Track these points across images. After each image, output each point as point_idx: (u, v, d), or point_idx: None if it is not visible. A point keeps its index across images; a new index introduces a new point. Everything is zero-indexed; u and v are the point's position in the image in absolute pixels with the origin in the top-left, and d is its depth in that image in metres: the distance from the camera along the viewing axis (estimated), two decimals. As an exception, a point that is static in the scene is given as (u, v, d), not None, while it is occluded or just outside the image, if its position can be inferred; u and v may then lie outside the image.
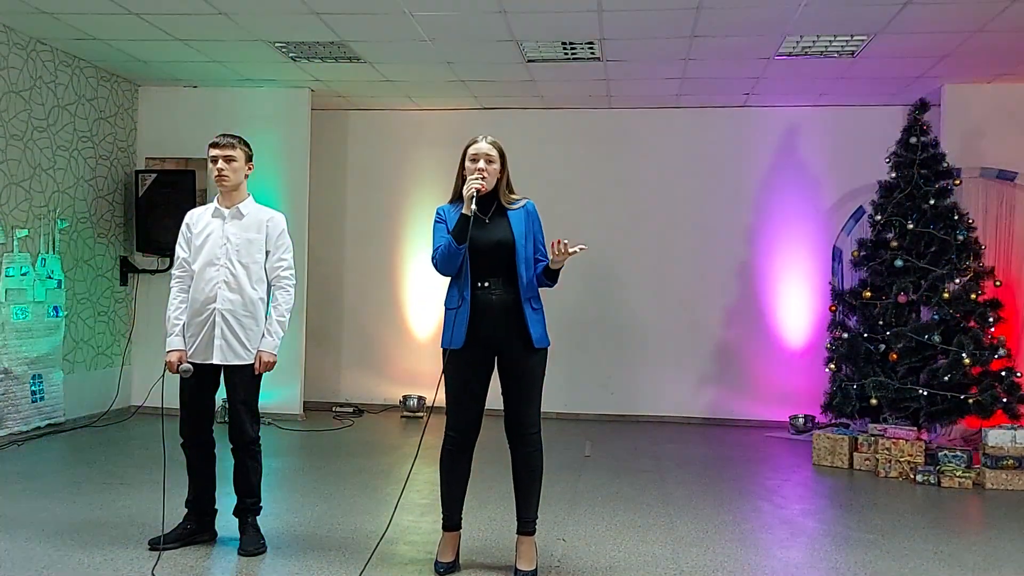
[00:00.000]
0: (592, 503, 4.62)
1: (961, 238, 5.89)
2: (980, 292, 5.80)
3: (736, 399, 7.47)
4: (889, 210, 6.07)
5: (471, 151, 3.38)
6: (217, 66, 6.71)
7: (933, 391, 5.64)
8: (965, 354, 5.58)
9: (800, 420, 6.91)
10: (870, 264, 6.14)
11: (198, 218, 3.77)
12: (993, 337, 5.72)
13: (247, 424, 3.67)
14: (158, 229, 6.80)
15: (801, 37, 5.63)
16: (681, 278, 7.56)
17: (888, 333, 5.88)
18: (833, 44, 5.75)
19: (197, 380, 3.62)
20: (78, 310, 6.67)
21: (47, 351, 6.24)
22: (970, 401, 5.58)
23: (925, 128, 6.09)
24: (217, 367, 3.66)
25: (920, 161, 6.02)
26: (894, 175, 6.15)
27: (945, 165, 6.05)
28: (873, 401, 5.80)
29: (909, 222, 5.97)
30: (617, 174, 7.65)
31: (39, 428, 6.13)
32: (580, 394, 7.53)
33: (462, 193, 3.32)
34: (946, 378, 5.61)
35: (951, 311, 5.73)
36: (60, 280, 6.40)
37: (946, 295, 5.72)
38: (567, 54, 6.08)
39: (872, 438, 5.73)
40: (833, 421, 6.22)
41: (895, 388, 5.74)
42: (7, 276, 5.87)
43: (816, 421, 6.74)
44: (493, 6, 5.16)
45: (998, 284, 5.94)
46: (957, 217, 5.92)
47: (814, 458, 5.92)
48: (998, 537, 4.21)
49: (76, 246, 6.65)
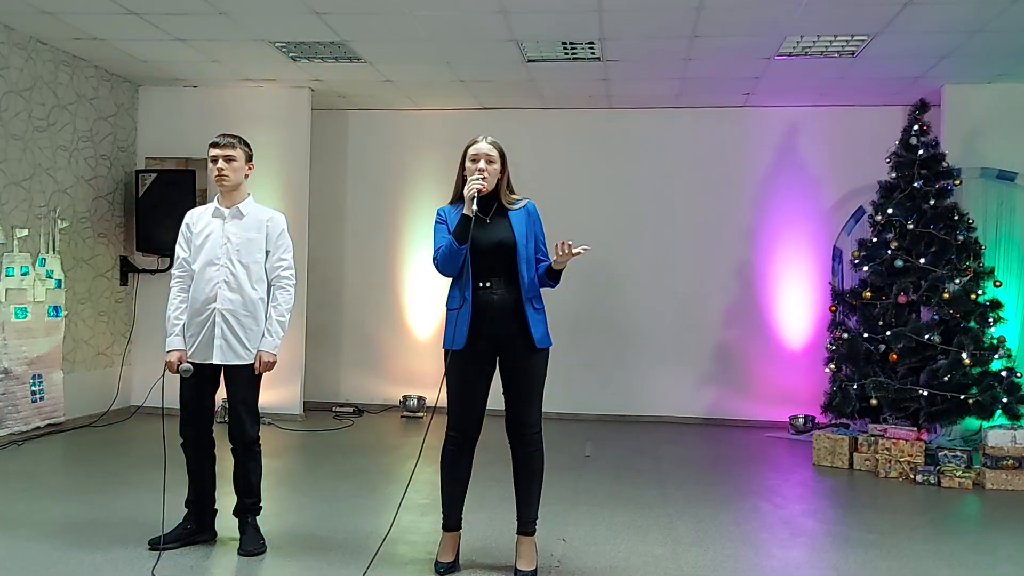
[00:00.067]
0: (592, 503, 4.62)
1: (961, 238, 5.89)
2: (980, 292, 5.80)
3: (736, 399, 7.46)
4: (889, 210, 6.07)
5: (471, 151, 3.37)
6: (217, 66, 6.71)
7: (933, 391, 5.64)
8: (965, 354, 5.58)
9: (800, 420, 6.91)
10: (870, 264, 6.14)
11: (198, 218, 3.77)
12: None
13: (247, 424, 3.67)
14: (158, 229, 6.79)
15: (801, 37, 5.63)
16: (681, 278, 7.56)
17: (888, 333, 5.88)
18: (833, 44, 5.75)
19: (197, 380, 3.62)
20: (78, 310, 6.67)
21: (47, 351, 6.24)
22: (970, 401, 5.58)
23: (925, 128, 6.09)
24: (217, 367, 3.66)
25: (920, 161, 6.03)
26: (894, 175, 6.15)
27: (945, 165, 6.05)
28: (873, 401, 5.80)
29: (909, 222, 5.97)
30: (617, 174, 7.65)
31: (39, 428, 6.13)
32: (580, 394, 7.53)
33: (463, 194, 3.31)
34: (946, 378, 5.61)
35: (951, 311, 5.73)
36: (60, 280, 6.40)
37: (946, 295, 5.72)
38: (567, 54, 6.08)
39: (872, 438, 5.73)
40: (833, 421, 6.22)
41: (895, 388, 5.74)
42: (7, 276, 5.87)
43: (816, 421, 6.74)
44: (493, 6, 5.16)
45: (999, 284, 5.94)
46: (957, 217, 5.92)
47: (814, 458, 5.92)
48: (998, 537, 4.22)
49: (76, 246, 6.65)
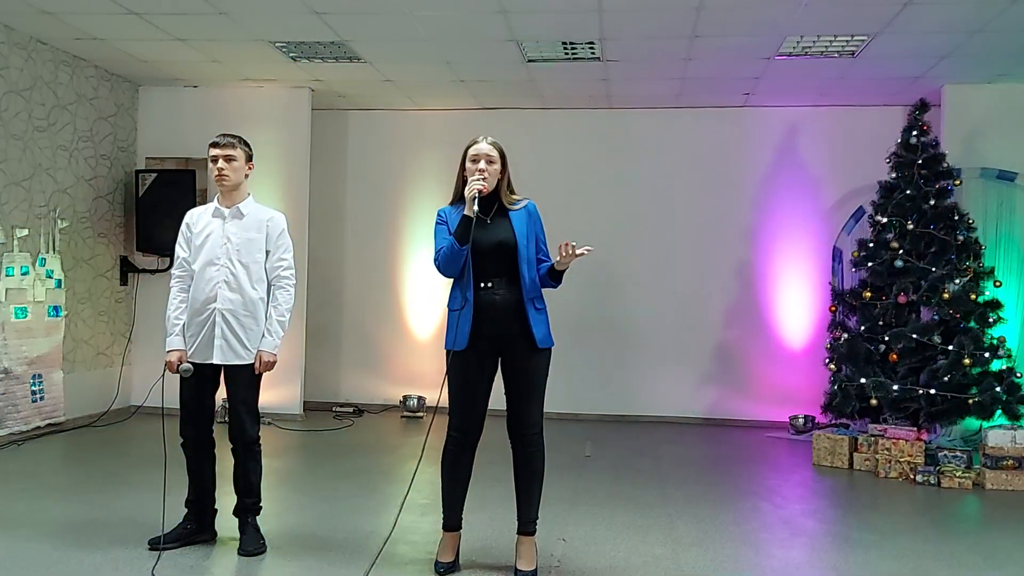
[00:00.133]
0: (592, 503, 4.62)
1: (961, 238, 5.89)
2: (980, 292, 5.80)
3: (736, 399, 7.46)
4: (889, 210, 6.07)
5: (471, 152, 3.37)
6: (217, 66, 6.71)
7: (933, 391, 5.64)
8: (965, 354, 5.58)
9: (800, 420, 6.90)
10: (870, 264, 6.13)
11: (198, 218, 3.77)
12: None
13: (247, 424, 3.67)
14: (158, 229, 6.79)
15: (801, 37, 5.63)
16: (681, 278, 7.56)
17: (888, 333, 5.88)
18: (833, 44, 5.75)
19: (197, 380, 3.62)
20: (78, 310, 6.67)
21: (47, 351, 6.24)
22: (970, 401, 5.58)
23: (925, 128, 6.09)
24: (217, 367, 3.66)
25: (920, 161, 6.03)
26: (894, 175, 6.15)
27: (945, 165, 6.05)
28: (873, 401, 5.80)
29: (909, 222, 5.97)
30: (617, 174, 7.65)
31: (39, 428, 6.13)
32: (580, 394, 7.53)
33: (463, 194, 3.31)
34: (946, 378, 5.61)
35: (951, 311, 5.73)
36: (60, 280, 6.40)
37: (946, 295, 5.72)
38: (567, 54, 6.08)
39: (872, 438, 5.73)
40: (833, 421, 6.22)
41: (895, 388, 5.74)
42: (7, 276, 5.87)
43: (816, 421, 6.74)
44: (493, 6, 5.16)
45: (999, 284, 5.94)
46: (957, 217, 5.92)
47: (814, 458, 5.92)
48: (998, 537, 4.22)
49: (76, 246, 6.65)
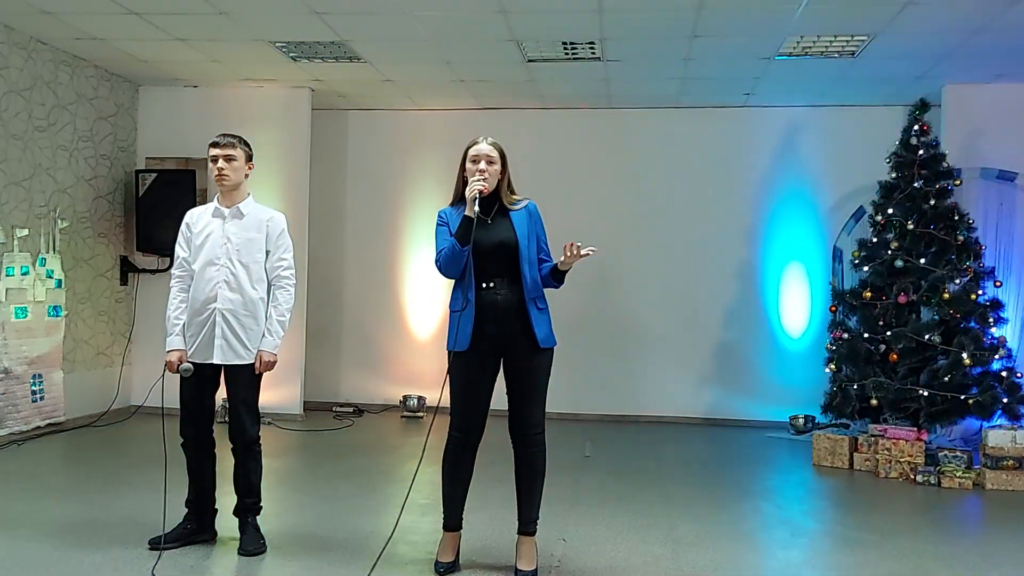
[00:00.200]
0: (592, 503, 4.62)
1: (961, 239, 5.88)
2: (980, 292, 5.80)
3: (736, 399, 7.46)
4: (889, 210, 6.07)
5: (471, 153, 3.37)
6: (217, 66, 6.71)
7: (933, 391, 5.64)
8: (965, 354, 5.58)
9: (800, 420, 6.90)
10: (870, 264, 6.13)
11: (198, 218, 3.77)
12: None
13: (247, 424, 3.67)
14: (158, 229, 6.78)
15: (801, 37, 5.63)
16: (681, 278, 7.56)
17: (888, 333, 5.88)
18: (833, 44, 5.75)
19: (197, 380, 3.62)
20: (78, 310, 6.67)
21: (47, 351, 6.24)
22: (970, 401, 5.58)
23: (925, 128, 6.09)
24: (217, 367, 3.66)
25: (920, 161, 6.02)
26: (894, 175, 6.15)
27: (945, 165, 6.04)
28: (873, 401, 5.80)
29: (909, 222, 5.97)
30: (617, 174, 7.65)
31: (39, 428, 6.13)
32: (580, 394, 7.53)
33: (463, 195, 3.31)
34: (946, 378, 5.61)
35: (951, 311, 5.73)
36: (60, 280, 6.40)
37: (946, 295, 5.72)
38: (567, 54, 6.08)
39: (872, 439, 5.72)
40: (833, 421, 6.22)
41: (895, 388, 5.73)
42: (7, 276, 5.87)
43: (816, 421, 6.73)
44: (493, 6, 5.16)
45: (999, 284, 5.94)
46: (957, 218, 5.92)
47: (814, 458, 5.91)
48: (998, 537, 4.22)
49: (76, 246, 6.65)
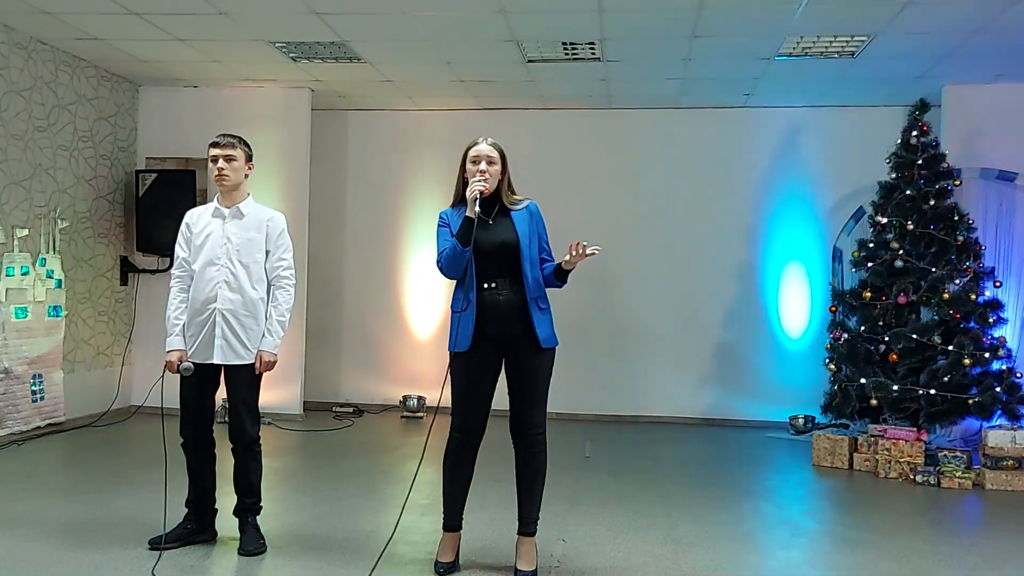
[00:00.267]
0: (592, 503, 4.62)
1: (961, 239, 5.88)
2: (980, 293, 5.80)
3: (736, 399, 7.46)
4: (889, 211, 6.07)
5: (472, 153, 3.37)
6: (217, 66, 6.71)
7: (933, 392, 5.64)
8: (965, 354, 5.58)
9: (800, 420, 6.90)
10: (870, 265, 6.13)
11: (198, 218, 3.77)
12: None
13: (247, 424, 3.67)
14: (158, 229, 6.79)
15: (801, 37, 5.63)
16: (681, 278, 7.56)
17: (888, 334, 5.88)
18: (833, 44, 5.75)
19: (197, 380, 3.62)
20: (78, 310, 6.67)
21: (47, 351, 6.24)
22: (970, 402, 5.58)
23: (925, 128, 6.09)
24: (217, 367, 3.66)
25: (920, 162, 6.02)
26: (894, 176, 6.15)
27: (945, 166, 6.04)
28: (873, 402, 5.80)
29: (909, 223, 5.97)
30: (617, 174, 7.65)
31: (39, 428, 6.13)
32: (580, 394, 7.52)
33: (464, 196, 3.31)
34: (946, 379, 5.61)
35: (951, 312, 5.73)
36: (60, 280, 6.40)
37: (946, 296, 5.72)
38: (567, 54, 6.08)
39: (872, 439, 5.72)
40: (833, 422, 6.22)
41: (895, 389, 5.74)
42: (7, 276, 5.87)
43: (816, 421, 6.73)
44: (493, 6, 5.16)
45: (999, 284, 5.94)
46: (957, 218, 5.92)
47: (814, 458, 5.92)
48: (998, 537, 4.22)
49: (76, 246, 6.65)
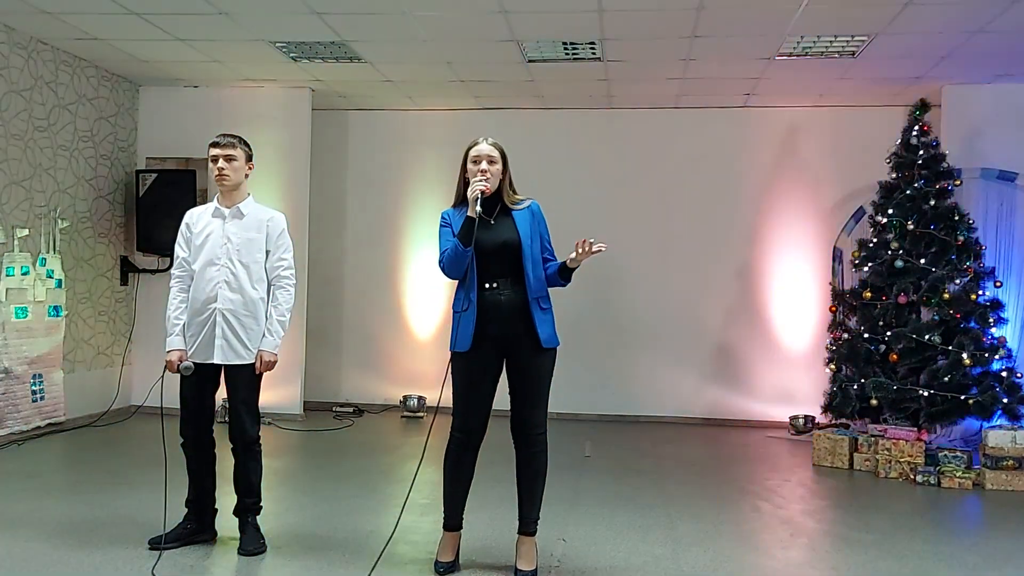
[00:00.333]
0: (592, 503, 4.62)
1: (961, 239, 5.88)
2: (980, 292, 5.80)
3: (736, 399, 7.47)
4: (889, 210, 6.07)
5: (472, 153, 3.37)
6: (217, 66, 6.71)
7: (933, 392, 5.64)
8: (965, 354, 5.58)
9: (800, 420, 6.90)
10: (870, 264, 6.13)
11: (198, 218, 3.77)
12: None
13: (247, 424, 3.67)
14: (158, 229, 6.79)
15: (802, 37, 5.63)
16: (681, 278, 7.56)
17: (888, 334, 5.88)
18: (833, 44, 5.75)
19: (197, 380, 3.62)
20: (78, 310, 6.67)
21: (47, 351, 6.24)
22: (970, 402, 5.58)
23: (925, 128, 6.09)
24: (217, 367, 3.66)
25: (920, 162, 6.03)
26: (894, 176, 6.15)
27: (945, 166, 6.05)
28: (873, 402, 5.80)
29: (909, 223, 5.97)
30: (618, 175, 7.65)
31: (39, 428, 6.13)
32: (580, 394, 7.52)
33: (466, 197, 3.31)
34: (946, 379, 5.61)
35: (951, 312, 5.73)
36: (60, 280, 6.40)
37: (946, 296, 5.72)
38: (568, 54, 6.08)
39: (872, 439, 5.72)
40: (833, 422, 6.22)
41: (895, 389, 5.74)
42: (7, 276, 5.87)
43: (816, 421, 6.74)
44: (493, 6, 5.16)
45: (999, 284, 5.94)
46: (957, 218, 5.92)
47: (814, 458, 5.92)
48: (998, 537, 4.22)
49: (76, 245, 6.65)
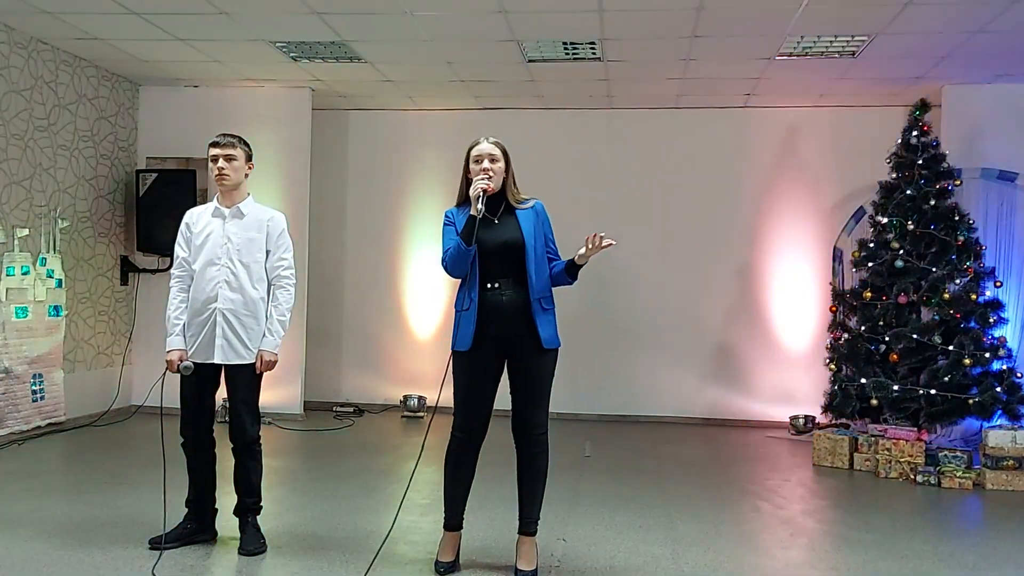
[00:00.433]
0: (592, 503, 4.62)
1: (961, 239, 5.88)
2: (980, 293, 5.80)
3: (736, 399, 7.47)
4: (890, 211, 6.07)
5: (474, 152, 3.37)
6: (218, 66, 6.71)
7: (933, 392, 5.64)
8: (965, 354, 5.58)
9: (800, 420, 6.90)
10: (870, 264, 6.13)
11: (198, 217, 3.76)
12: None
13: (248, 424, 3.67)
14: (159, 229, 6.79)
15: (802, 37, 5.63)
16: (681, 278, 7.56)
17: (888, 334, 5.88)
18: (834, 44, 5.75)
19: (198, 379, 3.62)
20: (78, 309, 6.67)
21: (47, 350, 6.24)
22: (970, 401, 5.58)
23: (925, 128, 6.09)
24: (218, 367, 3.66)
25: (921, 162, 6.02)
26: (895, 175, 6.15)
27: (946, 166, 6.04)
28: (873, 402, 5.79)
29: (909, 223, 5.97)
30: (618, 175, 7.64)
31: (39, 428, 6.13)
32: (580, 394, 7.52)
33: (469, 195, 3.30)
34: (946, 379, 5.61)
35: (951, 312, 5.73)
36: (60, 279, 6.40)
37: (946, 296, 5.72)
38: (568, 54, 6.08)
39: (872, 439, 5.72)
40: (833, 422, 6.22)
41: (895, 389, 5.74)
42: (8, 275, 5.87)
43: (816, 421, 6.74)
44: (493, 6, 5.16)
45: (999, 284, 5.94)
46: (958, 218, 5.92)
47: (814, 458, 5.92)
48: (998, 537, 4.22)
49: (77, 245, 6.65)
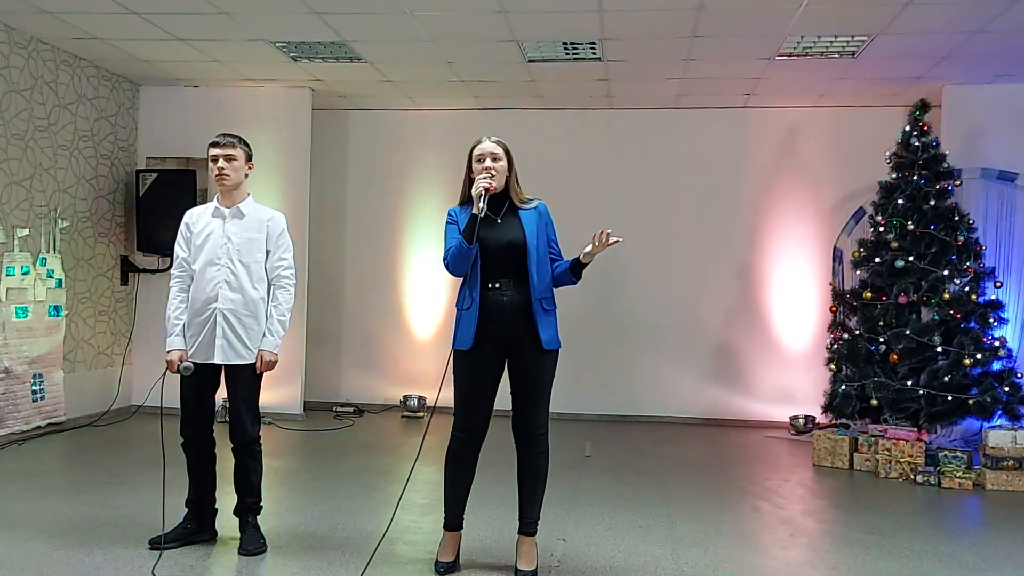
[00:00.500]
0: (592, 503, 4.62)
1: (961, 239, 5.88)
2: (980, 293, 5.80)
3: (736, 399, 7.47)
4: (889, 211, 6.07)
5: (476, 152, 3.37)
6: (218, 66, 6.71)
7: (933, 392, 5.64)
8: (965, 355, 5.58)
9: (800, 420, 6.91)
10: (870, 265, 6.13)
11: (198, 217, 3.76)
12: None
13: (248, 424, 3.67)
14: (159, 229, 6.79)
15: (802, 37, 5.63)
16: (681, 278, 7.56)
17: (888, 334, 5.88)
18: (834, 44, 5.75)
19: (198, 380, 3.62)
20: (79, 309, 6.67)
21: (48, 350, 6.24)
22: (970, 402, 5.58)
23: (926, 128, 6.09)
24: (218, 367, 3.66)
25: (921, 162, 6.03)
26: (895, 176, 6.15)
27: (946, 166, 6.05)
28: (873, 402, 5.80)
29: (909, 223, 5.97)
30: (618, 175, 7.64)
31: (39, 428, 6.13)
32: (580, 394, 7.52)
33: (471, 195, 3.30)
34: (946, 379, 5.61)
35: (951, 312, 5.73)
36: (61, 279, 6.40)
37: (946, 296, 5.72)
38: (568, 54, 6.08)
39: (872, 439, 5.73)
40: (833, 422, 6.22)
41: (895, 389, 5.74)
42: (8, 275, 5.87)
43: (816, 421, 6.74)
44: (493, 6, 5.16)
45: (999, 285, 5.94)
46: (958, 218, 5.92)
47: (814, 458, 5.92)
48: (998, 537, 4.22)
49: (77, 245, 6.65)
